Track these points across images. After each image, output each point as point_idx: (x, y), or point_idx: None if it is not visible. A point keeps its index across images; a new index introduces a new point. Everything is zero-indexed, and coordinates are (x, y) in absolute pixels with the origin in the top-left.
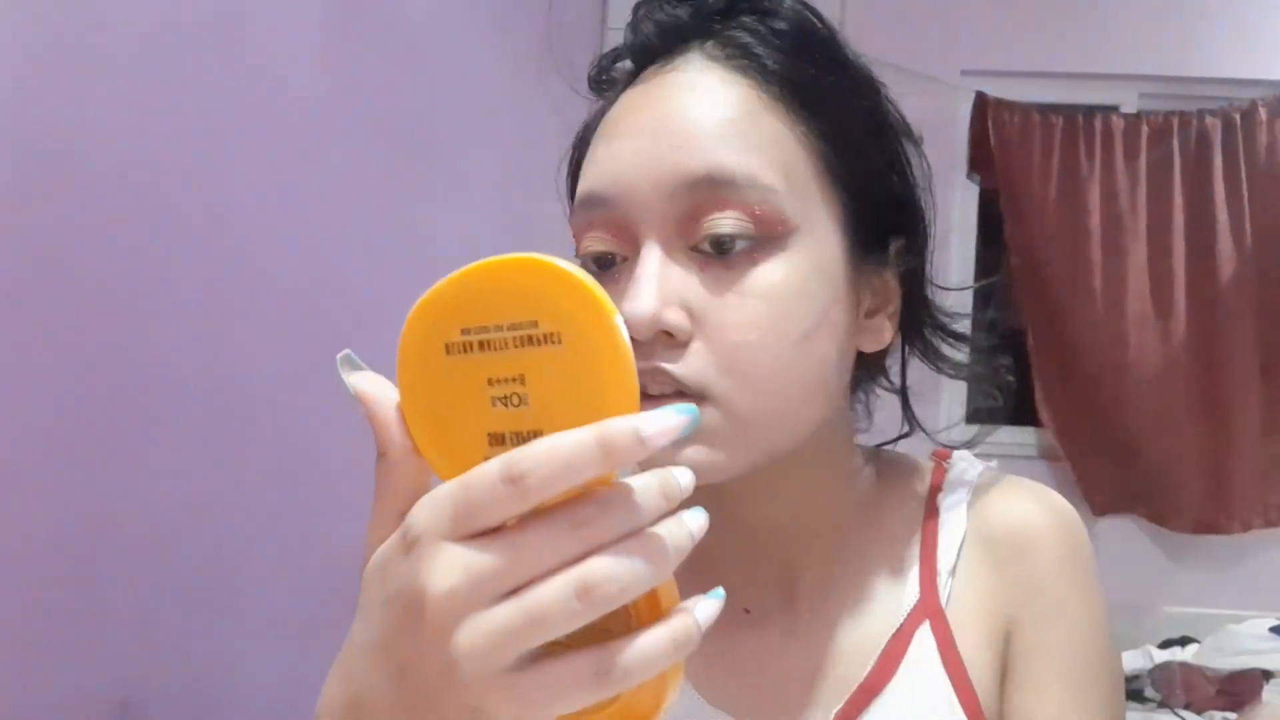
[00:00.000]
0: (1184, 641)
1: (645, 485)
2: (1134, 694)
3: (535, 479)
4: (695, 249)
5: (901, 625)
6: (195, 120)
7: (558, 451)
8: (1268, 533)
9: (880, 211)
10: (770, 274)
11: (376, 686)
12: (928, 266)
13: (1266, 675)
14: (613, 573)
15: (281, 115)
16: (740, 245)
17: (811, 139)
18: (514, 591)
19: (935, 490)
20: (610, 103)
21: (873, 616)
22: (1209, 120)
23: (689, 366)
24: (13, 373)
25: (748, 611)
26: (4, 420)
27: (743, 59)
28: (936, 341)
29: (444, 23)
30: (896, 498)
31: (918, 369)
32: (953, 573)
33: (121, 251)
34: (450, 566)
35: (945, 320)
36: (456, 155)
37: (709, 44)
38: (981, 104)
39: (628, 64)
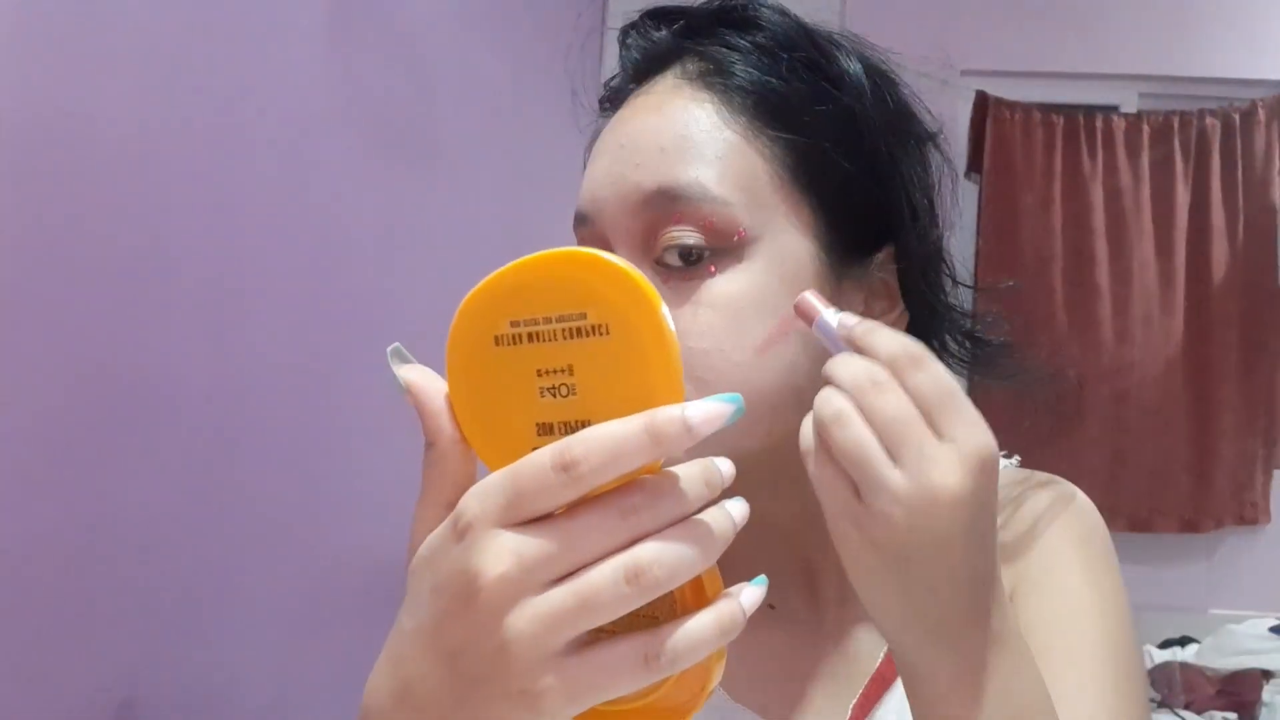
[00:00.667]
0: (1184, 641)
1: (689, 473)
2: None
3: (587, 466)
4: (659, 262)
5: None
6: (195, 119)
7: (608, 439)
8: (1268, 532)
9: (861, 215)
10: (726, 285)
11: (426, 674)
12: (936, 267)
13: (1266, 675)
14: (661, 557)
15: (281, 115)
16: (697, 257)
17: (776, 149)
18: (564, 578)
19: None
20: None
21: None
22: (1209, 121)
23: None
24: (13, 373)
25: (772, 607)
26: (4, 420)
27: (714, 75)
28: (954, 343)
29: (445, 22)
30: None
31: None
32: None
33: (121, 251)
34: (502, 552)
35: (961, 319)
36: (457, 155)
37: (688, 63)
38: (981, 103)
39: (615, 86)
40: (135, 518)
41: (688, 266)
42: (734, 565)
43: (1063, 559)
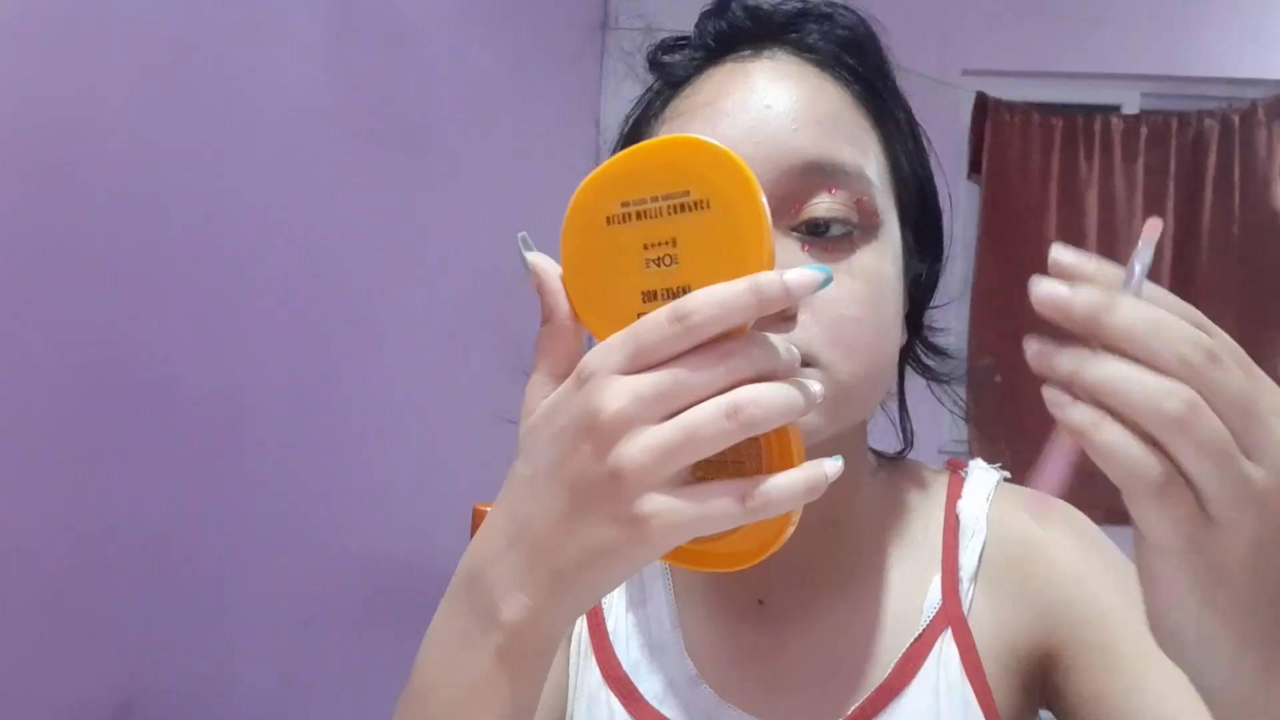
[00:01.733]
0: None
1: (774, 338)
2: None
3: (699, 316)
4: (794, 229)
5: (924, 631)
6: (195, 119)
7: (717, 293)
8: None
9: (917, 211)
10: (868, 259)
11: (543, 508)
12: (939, 278)
13: None
14: (757, 397)
15: (281, 114)
16: (837, 230)
17: (884, 142)
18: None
19: (954, 499)
20: (672, 85)
21: (894, 619)
22: (1207, 122)
23: (798, 338)
24: (13, 373)
25: (761, 603)
26: (4, 420)
27: (828, 61)
28: (918, 346)
29: (444, 20)
30: (915, 503)
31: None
32: (974, 580)
33: (121, 251)
34: (620, 392)
35: (928, 332)
36: (457, 153)
37: (791, 44)
38: (981, 104)
39: (688, 53)
40: (135, 518)
41: (824, 238)
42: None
43: (1088, 570)
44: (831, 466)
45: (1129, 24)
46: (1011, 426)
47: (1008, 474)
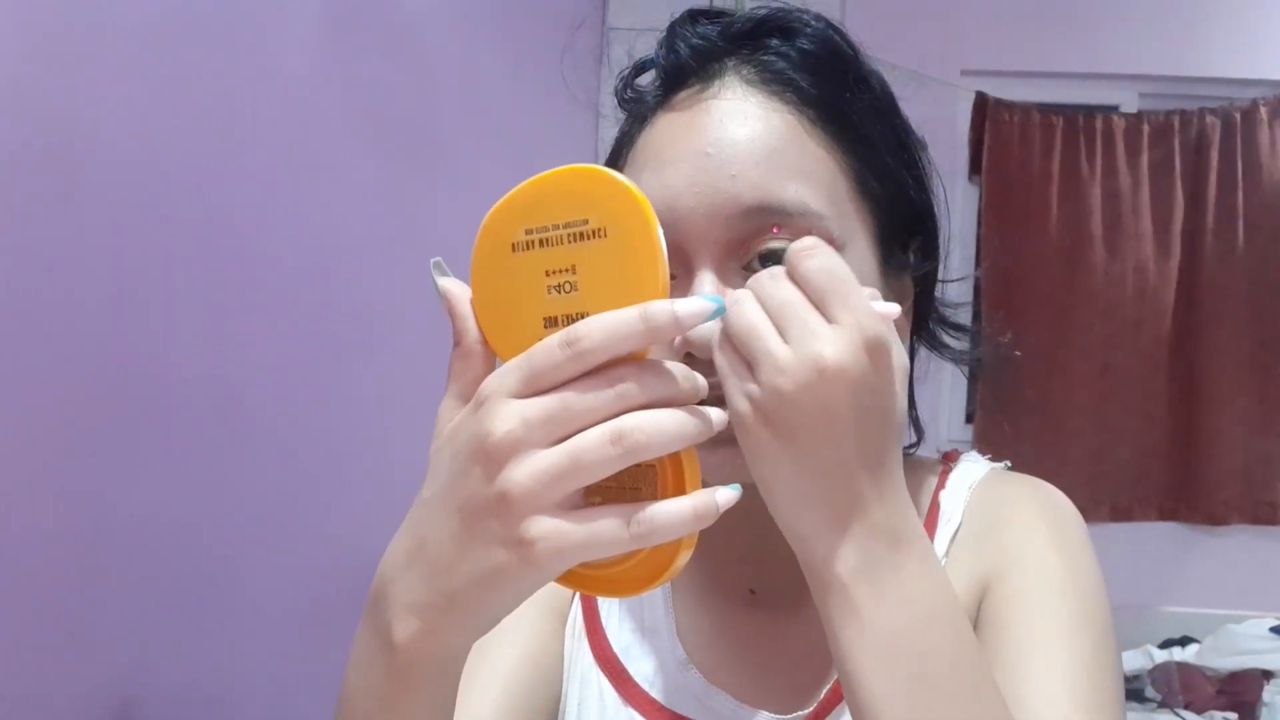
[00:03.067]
0: (1184, 641)
1: (672, 365)
2: (1134, 694)
3: (588, 342)
4: (747, 268)
5: None
6: (194, 118)
7: (606, 321)
8: (1267, 532)
9: (902, 220)
10: None
11: (438, 529)
12: (940, 266)
13: (1266, 675)
14: (642, 424)
15: (281, 113)
16: None
17: (847, 160)
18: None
19: (940, 489)
20: (639, 121)
21: None
22: (1209, 120)
23: None
24: (12, 372)
25: (753, 592)
26: (4, 420)
27: (779, 84)
28: (940, 332)
29: (444, 20)
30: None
31: (919, 368)
32: (945, 560)
33: (120, 250)
34: (509, 415)
35: (948, 312)
36: (457, 153)
37: (744, 68)
38: (981, 104)
39: (652, 81)
40: (135, 518)
41: None
42: (729, 548)
43: (1036, 540)
44: (724, 495)
45: (1128, 24)
46: (1013, 420)
47: (1007, 464)
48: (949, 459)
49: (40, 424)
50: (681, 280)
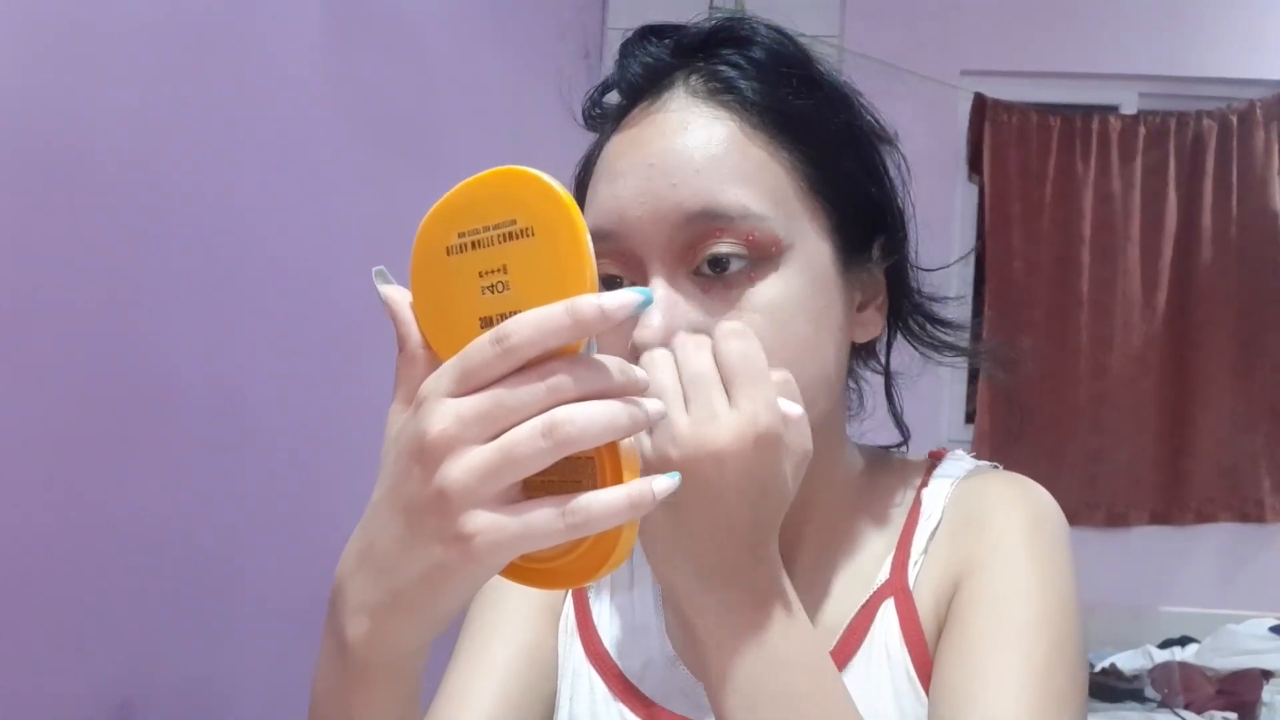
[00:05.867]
0: (1184, 641)
1: (606, 359)
2: (1134, 694)
3: (517, 338)
4: (696, 272)
5: (866, 601)
6: (195, 118)
7: (534, 317)
8: (1267, 531)
9: (862, 215)
10: (767, 291)
11: (384, 530)
12: (911, 257)
13: (1266, 675)
14: (574, 417)
15: (281, 114)
16: (736, 265)
17: (794, 161)
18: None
19: (924, 486)
20: (605, 137)
21: (845, 596)
22: (1206, 122)
23: None
24: (13, 372)
25: None
26: (4, 420)
27: (724, 93)
28: (920, 325)
29: (445, 20)
30: (888, 492)
31: (916, 367)
32: (925, 553)
33: (121, 250)
34: (445, 414)
35: (927, 304)
36: (457, 153)
37: (692, 79)
38: (980, 105)
39: (617, 98)
40: (135, 518)
41: (725, 275)
42: None
43: (1009, 538)
44: (661, 484)
45: (1127, 24)
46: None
47: (996, 464)
48: (935, 457)
49: (40, 424)
50: (636, 282)
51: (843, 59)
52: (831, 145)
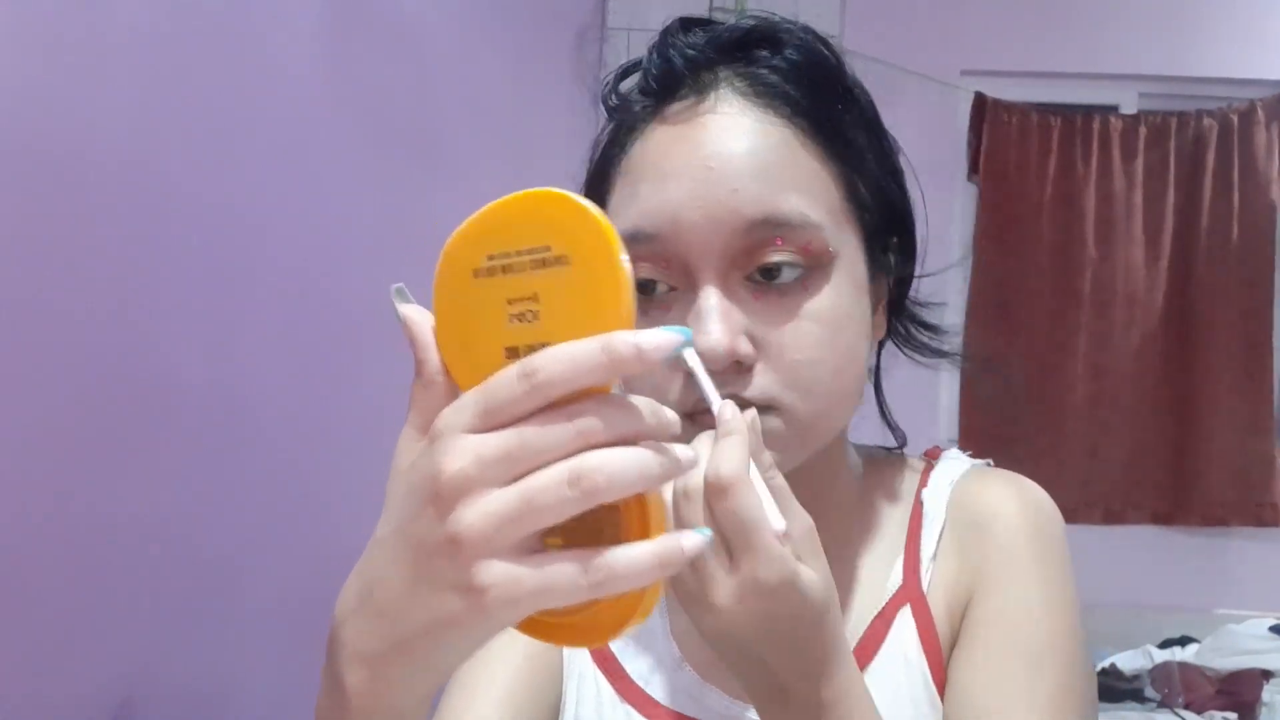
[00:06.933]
0: (1184, 641)
1: (638, 400)
2: (1134, 694)
3: (546, 374)
4: (748, 279)
5: (884, 608)
6: (194, 118)
7: (566, 352)
8: (1267, 532)
9: (885, 221)
10: (821, 300)
11: (388, 572)
12: (917, 264)
13: (1266, 675)
14: (602, 465)
15: (281, 114)
16: (790, 274)
17: (839, 169)
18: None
19: (923, 487)
20: (628, 130)
21: (859, 601)
22: (1206, 122)
23: (757, 387)
24: (14, 372)
25: None
26: (5, 420)
27: (775, 98)
28: (905, 328)
29: (445, 20)
30: (887, 492)
31: (914, 369)
32: (934, 559)
33: (122, 251)
34: (463, 452)
35: (912, 307)
36: (458, 153)
37: (736, 80)
38: (980, 105)
39: (635, 86)
40: (135, 518)
41: (778, 283)
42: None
43: (1018, 556)
44: (691, 542)
45: (1127, 24)
46: (1005, 421)
47: (988, 461)
48: (930, 456)
49: (40, 424)
50: (684, 293)
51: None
52: (866, 153)
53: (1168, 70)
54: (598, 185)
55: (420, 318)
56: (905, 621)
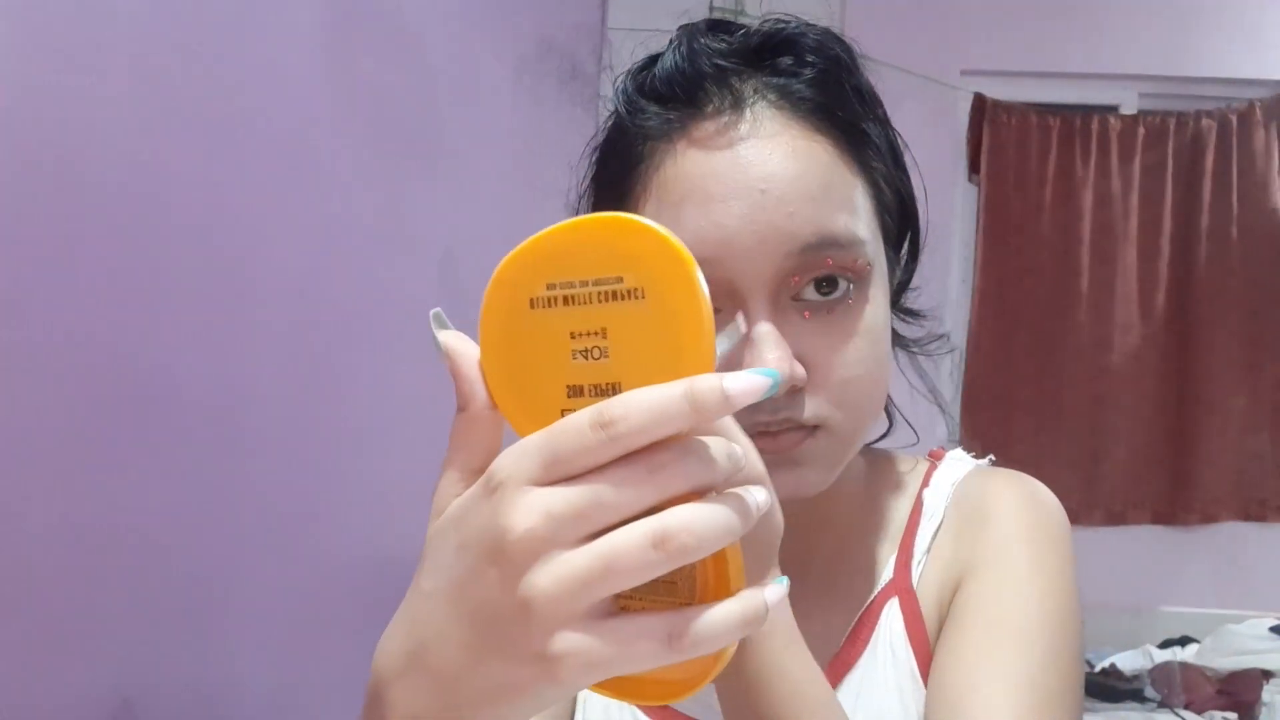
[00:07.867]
0: (1184, 641)
1: (713, 442)
2: (1134, 694)
3: (625, 425)
4: (796, 298)
5: (871, 602)
6: (195, 118)
7: (647, 399)
8: (1267, 531)
9: (900, 222)
10: (867, 315)
11: (444, 634)
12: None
13: (1266, 675)
14: (691, 523)
15: (281, 114)
16: (837, 291)
17: (868, 178)
18: (593, 539)
19: (925, 486)
20: (654, 142)
21: (850, 597)
22: (1205, 122)
23: (810, 409)
24: (12, 373)
25: None
26: (4, 421)
27: (807, 111)
28: (901, 320)
29: (444, 20)
30: (890, 492)
31: (914, 370)
32: (928, 552)
33: (120, 252)
34: (531, 508)
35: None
36: (457, 154)
37: (769, 94)
38: (979, 105)
39: (654, 90)
40: (136, 518)
41: (829, 300)
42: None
43: (1009, 538)
44: (774, 593)
45: (1127, 24)
46: (1004, 419)
47: (991, 458)
48: (934, 457)
49: (39, 425)
50: (726, 313)
51: None
52: (885, 156)
53: (1167, 70)
54: (611, 197)
55: (464, 347)
56: (893, 614)
